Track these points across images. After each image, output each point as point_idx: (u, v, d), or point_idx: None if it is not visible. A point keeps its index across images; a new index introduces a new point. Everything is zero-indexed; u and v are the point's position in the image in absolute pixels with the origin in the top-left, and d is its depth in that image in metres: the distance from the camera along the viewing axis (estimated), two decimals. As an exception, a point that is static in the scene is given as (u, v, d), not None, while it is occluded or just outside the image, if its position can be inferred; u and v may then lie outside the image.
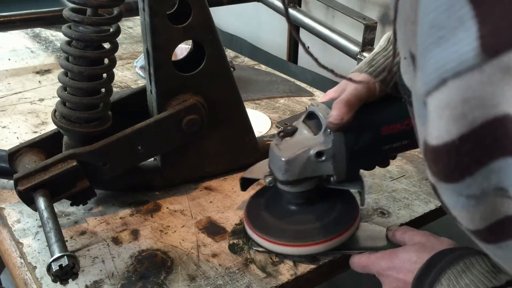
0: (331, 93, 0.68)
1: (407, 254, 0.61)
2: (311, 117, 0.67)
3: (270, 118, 1.08)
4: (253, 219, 0.72)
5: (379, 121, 0.65)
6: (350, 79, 0.54)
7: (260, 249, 0.71)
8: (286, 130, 0.67)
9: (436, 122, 0.32)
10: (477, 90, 0.28)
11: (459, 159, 0.32)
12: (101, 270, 0.67)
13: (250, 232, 0.71)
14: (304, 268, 0.68)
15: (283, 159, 0.64)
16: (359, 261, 0.66)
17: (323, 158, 0.64)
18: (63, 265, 0.59)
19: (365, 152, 0.65)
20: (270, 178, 0.68)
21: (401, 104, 0.59)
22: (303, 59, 1.73)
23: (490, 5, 0.27)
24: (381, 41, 0.70)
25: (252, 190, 0.77)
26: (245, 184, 0.76)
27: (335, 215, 0.70)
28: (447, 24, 0.29)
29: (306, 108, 0.68)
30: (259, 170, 0.74)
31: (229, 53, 1.45)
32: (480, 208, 0.34)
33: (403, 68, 0.48)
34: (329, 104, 0.66)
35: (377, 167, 0.72)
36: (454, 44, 0.29)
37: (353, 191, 0.72)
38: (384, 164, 0.71)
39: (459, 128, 0.30)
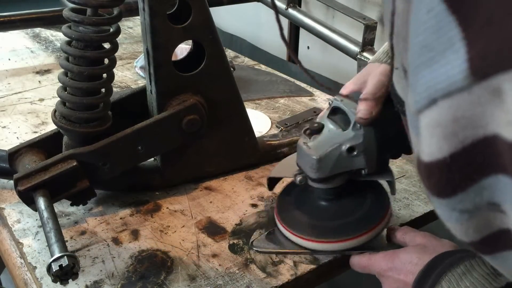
0: (351, 85, 0.67)
1: (408, 256, 0.61)
2: (335, 112, 0.67)
3: (270, 118, 1.08)
4: (285, 217, 0.72)
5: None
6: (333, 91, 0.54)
7: (260, 249, 0.71)
8: (313, 128, 0.66)
9: (427, 140, 0.32)
10: (467, 110, 0.29)
11: (451, 175, 0.32)
12: (101, 270, 0.67)
13: (283, 230, 0.71)
14: (304, 268, 0.68)
15: (314, 157, 0.64)
16: (360, 262, 0.66)
17: (355, 153, 0.64)
18: (63, 265, 0.59)
19: (394, 142, 0.65)
20: (301, 177, 0.68)
21: None
22: (303, 59, 1.73)
23: (478, 28, 0.27)
24: None
25: (252, 191, 0.77)
26: (272, 183, 0.76)
27: (366, 210, 0.70)
28: (437, 45, 0.29)
29: (330, 103, 0.68)
30: (286, 168, 0.74)
31: (229, 53, 1.45)
32: (473, 221, 0.34)
33: (395, 78, 0.48)
34: (352, 97, 0.66)
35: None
36: (443, 65, 0.29)
37: (382, 181, 0.72)
38: (410, 152, 0.71)
39: (450, 146, 0.31)
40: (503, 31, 0.26)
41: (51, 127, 0.98)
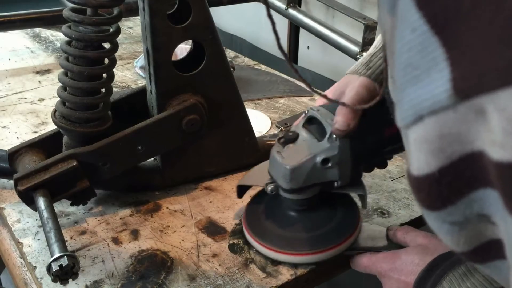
0: (328, 95, 0.67)
1: (410, 256, 0.61)
2: (311, 121, 0.66)
3: (270, 118, 1.08)
4: (253, 226, 0.71)
5: (381, 123, 0.63)
6: (325, 96, 0.54)
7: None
8: (287, 136, 0.65)
9: (416, 154, 0.32)
10: (453, 127, 0.29)
11: (440, 189, 0.32)
12: (101, 270, 0.67)
13: (250, 239, 0.70)
14: (304, 268, 0.68)
15: (288, 167, 0.62)
16: (360, 262, 0.66)
17: (329, 165, 0.62)
18: (63, 265, 0.59)
19: (369, 155, 0.65)
20: (272, 186, 0.66)
21: None
22: (303, 59, 1.73)
23: (461, 50, 0.28)
24: (376, 41, 0.69)
25: (252, 191, 0.77)
26: (242, 191, 0.75)
27: (337, 222, 0.69)
28: (421, 64, 0.30)
29: (305, 112, 0.66)
30: (258, 176, 0.72)
31: (229, 53, 1.45)
32: (464, 233, 0.34)
33: (390, 86, 0.48)
34: (329, 108, 0.65)
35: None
36: (428, 83, 0.29)
37: (354, 194, 0.71)
38: (384, 165, 0.71)
39: (438, 161, 0.31)
40: (483, 55, 0.26)
41: (51, 127, 0.98)
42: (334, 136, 0.62)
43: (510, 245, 0.30)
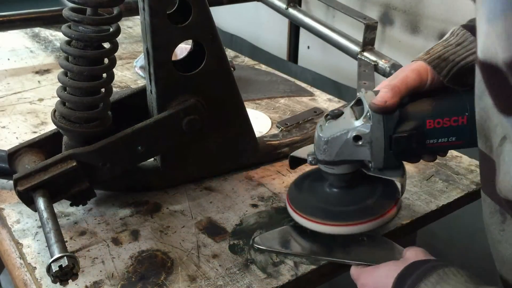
0: (385, 82, 0.68)
1: (386, 268, 0.60)
2: (359, 103, 0.68)
3: (270, 118, 1.08)
4: (294, 199, 0.76)
5: (423, 113, 0.65)
6: None
7: (261, 247, 0.71)
8: (332, 113, 0.69)
9: None
10: None
11: None
12: (101, 271, 0.67)
13: (289, 209, 0.75)
14: (304, 268, 0.68)
15: (323, 139, 0.67)
16: (352, 273, 0.66)
17: (360, 143, 0.65)
18: (63, 266, 0.59)
19: (406, 143, 0.65)
20: (312, 157, 0.71)
21: (456, 99, 0.62)
22: (303, 59, 1.73)
23: None
24: (446, 35, 0.70)
25: (252, 191, 0.77)
26: (294, 163, 0.79)
27: (373, 201, 0.72)
28: None
29: (358, 94, 0.70)
30: (307, 150, 0.76)
31: (229, 53, 1.45)
32: None
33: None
34: (377, 92, 0.67)
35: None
36: None
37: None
38: (431, 158, 0.71)
39: None
40: None
41: (50, 127, 0.98)
42: (369, 115, 0.64)
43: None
